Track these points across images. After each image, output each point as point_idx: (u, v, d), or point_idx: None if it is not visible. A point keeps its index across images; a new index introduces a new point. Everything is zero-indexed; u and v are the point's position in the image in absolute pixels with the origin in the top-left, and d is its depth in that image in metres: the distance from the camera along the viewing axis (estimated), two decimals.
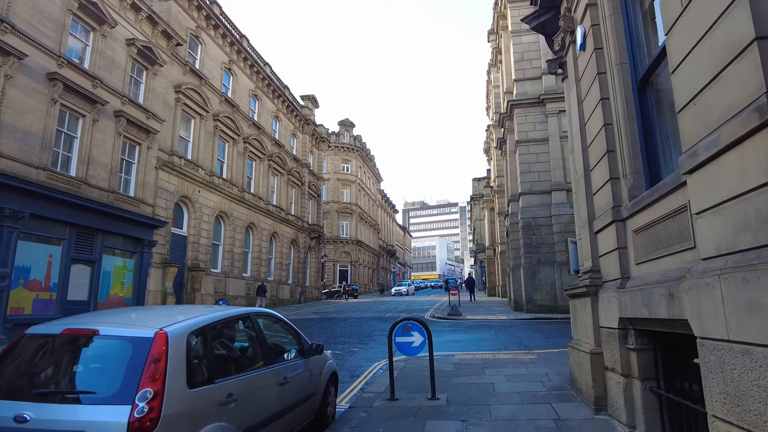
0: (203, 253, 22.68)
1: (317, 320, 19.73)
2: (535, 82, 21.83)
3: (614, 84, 4.88)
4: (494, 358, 9.15)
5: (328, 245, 52.98)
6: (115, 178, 17.21)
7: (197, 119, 23.01)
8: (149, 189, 19.19)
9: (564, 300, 19.38)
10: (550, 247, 20.09)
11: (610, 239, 4.86)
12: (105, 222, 16.44)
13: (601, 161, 5.09)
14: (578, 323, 5.89)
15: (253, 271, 27.84)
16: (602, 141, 5.02)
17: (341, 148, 56.98)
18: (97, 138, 16.37)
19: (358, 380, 7.77)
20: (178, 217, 21.71)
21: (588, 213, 5.51)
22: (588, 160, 5.61)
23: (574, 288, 5.90)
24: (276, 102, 32.46)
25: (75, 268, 15.44)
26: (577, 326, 5.96)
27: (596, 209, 5.38)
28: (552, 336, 12.89)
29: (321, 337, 13.91)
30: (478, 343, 12.13)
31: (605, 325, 4.91)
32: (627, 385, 4.36)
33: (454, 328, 15.78)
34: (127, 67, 18.03)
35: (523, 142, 21.36)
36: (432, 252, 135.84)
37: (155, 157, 19.60)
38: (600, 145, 5.09)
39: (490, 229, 43.81)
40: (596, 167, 5.28)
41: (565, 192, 20.30)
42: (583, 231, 5.74)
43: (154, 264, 19.10)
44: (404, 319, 6.20)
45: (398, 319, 6.25)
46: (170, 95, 21.04)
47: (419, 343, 6.06)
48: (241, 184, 26.75)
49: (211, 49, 24.89)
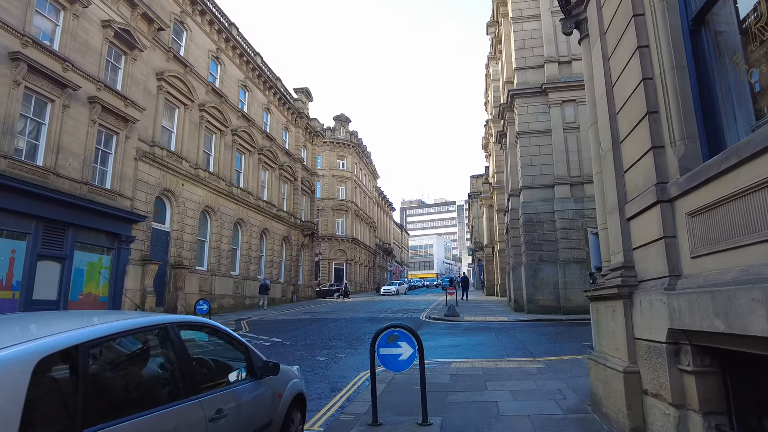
0: (187, 250, 21.53)
1: (306, 321, 18.63)
2: (536, 71, 20.75)
3: (657, 27, 3.79)
4: (496, 368, 8.06)
5: (323, 243, 51.86)
6: (88, 169, 16.05)
7: (181, 109, 21.83)
8: (128, 181, 18.03)
9: (568, 301, 18.35)
10: (553, 244, 19.04)
11: (651, 226, 3.77)
12: (77, 215, 15.29)
13: (637, 128, 4.00)
14: (603, 332, 4.80)
15: (242, 269, 26.70)
16: (640, 101, 3.93)
17: (337, 144, 55.82)
18: (68, 125, 15.21)
19: (338, 395, 6.67)
20: (160, 212, 20.55)
21: (618, 195, 4.42)
22: (617, 129, 4.52)
23: (598, 289, 4.81)
24: (267, 94, 31.28)
25: (42, 265, 14.29)
26: (602, 335, 4.87)
27: (629, 190, 4.29)
28: (558, 340, 11.82)
29: (306, 340, 12.82)
30: (477, 348, 11.05)
31: (645, 336, 3.82)
32: (681, 419, 3.28)
33: (451, 330, 14.70)
34: (103, 50, 16.86)
35: (525, 134, 20.28)
36: (429, 251, 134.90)
37: (135, 148, 18.44)
38: (636, 106, 3.99)
39: (488, 227, 42.79)
40: (630, 136, 4.18)
41: (568, 186, 19.27)
42: (610, 218, 4.65)
43: (132, 261, 17.95)
44: (390, 327, 5.08)
45: (382, 327, 5.12)
46: (152, 83, 19.87)
47: (408, 355, 4.95)
48: (229, 178, 25.59)
49: (198, 36, 23.71)
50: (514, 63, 21.70)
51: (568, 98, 19.88)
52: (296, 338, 13.26)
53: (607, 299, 4.54)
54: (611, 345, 4.48)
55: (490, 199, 40.65)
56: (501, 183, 31.22)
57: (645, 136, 3.83)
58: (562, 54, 20.52)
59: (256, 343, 12.57)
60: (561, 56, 20.49)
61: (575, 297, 18.25)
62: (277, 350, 11.10)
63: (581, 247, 18.63)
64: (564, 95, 19.93)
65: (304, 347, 11.48)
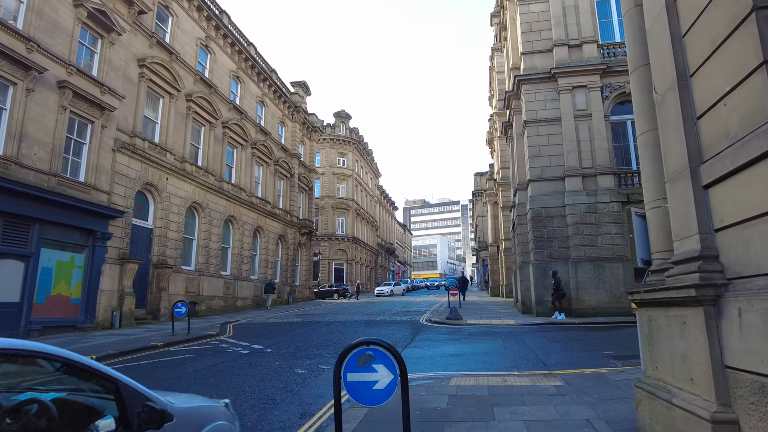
0: (172, 248, 20.21)
1: (297, 324, 17.27)
2: (545, 56, 19.29)
3: None
4: (505, 385, 6.66)
5: (322, 242, 50.54)
6: (58, 160, 14.77)
7: (166, 98, 20.52)
8: (104, 174, 16.73)
9: (579, 302, 16.87)
10: (564, 240, 17.57)
11: (753, 194, 2.36)
12: (44, 210, 14.01)
13: (727, 42, 2.60)
14: (662, 352, 3.40)
15: (234, 269, 25.36)
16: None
17: (337, 140, 54.47)
18: (33, 111, 13.93)
19: (306, 425, 5.29)
20: (142, 208, 19.25)
21: (688, 153, 3.01)
22: (684, 58, 3.12)
23: (654, 290, 3.39)
24: (261, 86, 29.95)
25: (2, 264, 13.01)
26: (659, 356, 3.46)
27: (706, 144, 2.89)
28: (573, 348, 10.39)
29: (290, 347, 11.43)
30: (481, 357, 9.65)
31: (749, 368, 2.43)
32: None
33: (453, 335, 13.30)
34: (75, 31, 15.58)
35: (532, 123, 18.83)
36: (433, 250, 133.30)
37: (112, 138, 17.14)
38: (727, 8, 2.57)
39: (493, 225, 41.35)
40: (711, 61, 2.78)
41: (580, 178, 17.80)
42: (673, 188, 3.24)
43: (109, 260, 16.64)
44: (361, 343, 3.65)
45: (351, 344, 3.66)
46: (133, 70, 18.57)
47: (386, 383, 3.52)
48: (219, 173, 24.28)
49: (185, 23, 22.41)
50: (520, 47, 20.25)
51: (578, 84, 18.42)
52: (279, 345, 11.89)
53: (672, 305, 3.14)
54: (680, 373, 3.08)
55: (494, 196, 39.21)
56: (506, 179, 29.79)
57: (746, 49, 2.43)
58: (572, 37, 19.06)
59: (233, 350, 11.23)
60: (571, 39, 19.03)
61: (588, 298, 16.80)
62: (253, 360, 9.73)
63: (594, 244, 17.20)
64: (574, 80, 18.47)
65: (285, 356, 10.11)
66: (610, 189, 17.51)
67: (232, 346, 12.03)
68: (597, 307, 16.62)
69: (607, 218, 17.26)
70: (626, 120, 18.53)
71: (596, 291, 16.76)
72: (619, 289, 16.58)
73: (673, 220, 3.23)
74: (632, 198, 17.22)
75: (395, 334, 13.59)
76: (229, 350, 11.29)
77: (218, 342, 13.04)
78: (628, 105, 18.68)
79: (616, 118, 18.48)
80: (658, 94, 3.41)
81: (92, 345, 11.85)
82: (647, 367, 3.75)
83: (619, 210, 17.25)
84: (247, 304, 26.34)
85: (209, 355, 10.54)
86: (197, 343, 12.80)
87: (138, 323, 17.51)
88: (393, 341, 12.05)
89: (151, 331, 15.14)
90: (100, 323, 16.00)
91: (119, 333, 14.78)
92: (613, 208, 17.30)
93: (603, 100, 18.27)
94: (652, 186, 3.82)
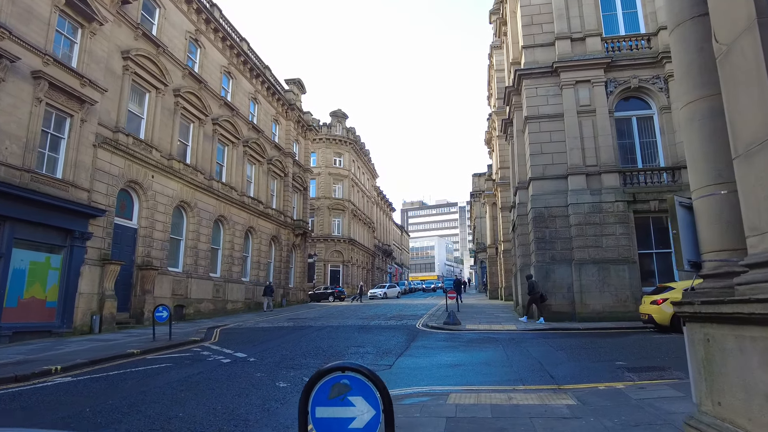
0: (158, 249, 19.35)
1: (288, 329, 16.42)
2: (546, 49, 18.54)
3: None
4: (510, 404, 5.85)
5: (318, 244, 49.71)
6: (32, 155, 13.92)
7: (153, 93, 19.69)
8: (84, 170, 15.88)
9: (584, 306, 16.08)
10: (567, 242, 16.80)
11: None
12: (16, 208, 13.18)
13: None
14: (729, 384, 2.60)
15: (224, 270, 24.49)
16: None
17: (333, 140, 53.67)
18: (4, 102, 13.11)
19: None
20: (126, 207, 18.39)
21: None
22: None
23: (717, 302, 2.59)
24: (254, 82, 29.13)
25: None
26: (725, 389, 2.66)
27: None
28: (582, 357, 9.59)
29: (275, 356, 10.60)
30: (482, 368, 8.84)
31: None
32: None
33: (451, 342, 12.49)
34: (52, 19, 14.75)
35: (534, 119, 18.07)
36: (431, 252, 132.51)
37: (93, 133, 16.30)
38: None
39: (492, 226, 40.63)
40: None
41: (584, 176, 17.05)
42: (746, 167, 2.47)
43: (89, 261, 15.79)
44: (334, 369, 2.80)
45: (322, 369, 2.78)
46: (116, 62, 17.74)
47: (366, 421, 2.68)
48: (209, 171, 23.44)
49: (173, 15, 21.59)
50: (521, 41, 19.50)
51: (582, 78, 17.68)
52: (264, 353, 11.06)
53: (746, 323, 2.34)
54: (761, 416, 2.27)
55: (493, 197, 38.49)
56: (505, 179, 29.06)
57: None
58: (574, 30, 18.33)
59: (214, 359, 10.39)
60: (574, 32, 18.30)
61: (592, 302, 16.02)
62: (233, 371, 8.90)
63: (599, 245, 16.42)
64: (578, 75, 17.73)
65: (268, 366, 9.28)
66: (615, 188, 16.76)
67: (213, 353, 11.19)
68: (602, 311, 15.84)
69: (612, 218, 16.50)
70: (631, 116, 17.81)
71: (601, 294, 15.98)
72: (624, 293, 15.83)
73: (748, 208, 2.45)
74: (638, 197, 16.50)
75: (389, 340, 12.77)
76: (210, 359, 10.44)
77: (200, 349, 12.19)
78: (633, 101, 17.96)
79: (621, 114, 17.75)
80: (722, 43, 2.63)
81: (63, 352, 10.99)
82: (702, 400, 2.95)
83: (625, 209, 16.51)
84: (238, 308, 25.46)
85: (186, 365, 9.70)
86: (177, 350, 11.95)
87: (120, 328, 16.64)
88: (387, 348, 11.23)
89: (132, 337, 14.28)
90: (78, 328, 15.13)
91: (97, 338, 13.92)
92: (618, 207, 16.54)
93: (607, 96, 17.53)
94: (704, 169, 3.04)
